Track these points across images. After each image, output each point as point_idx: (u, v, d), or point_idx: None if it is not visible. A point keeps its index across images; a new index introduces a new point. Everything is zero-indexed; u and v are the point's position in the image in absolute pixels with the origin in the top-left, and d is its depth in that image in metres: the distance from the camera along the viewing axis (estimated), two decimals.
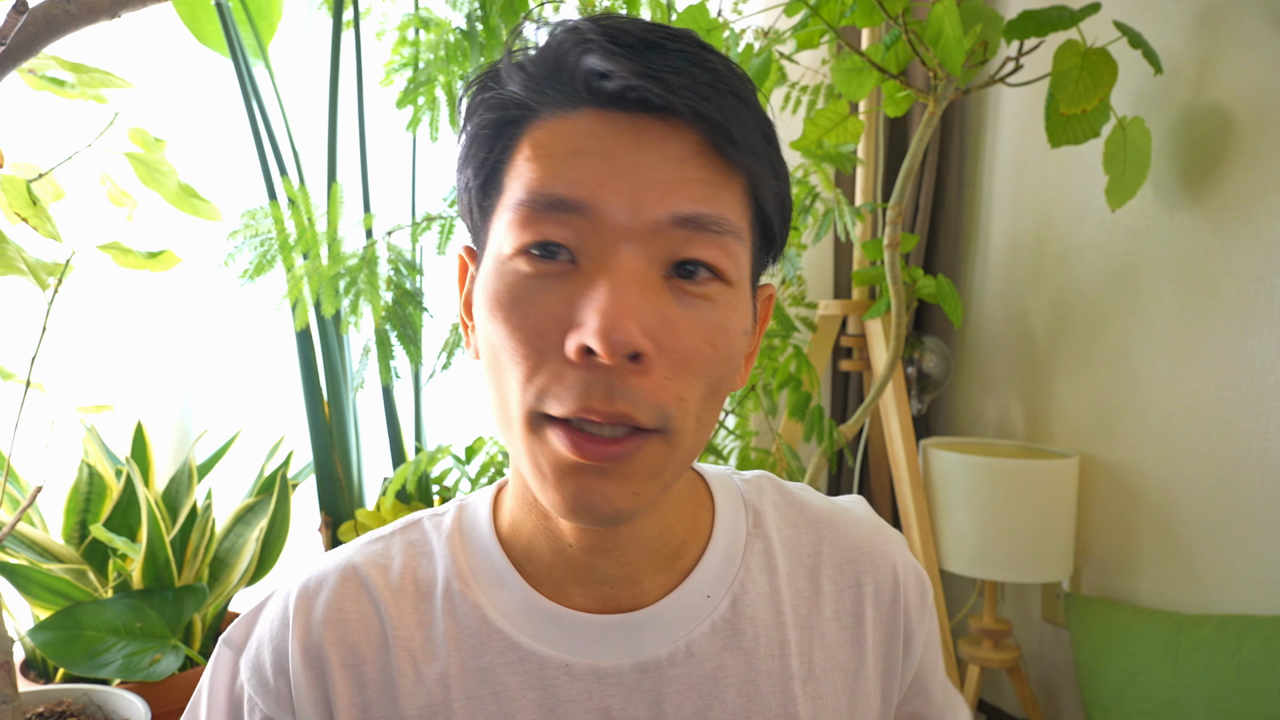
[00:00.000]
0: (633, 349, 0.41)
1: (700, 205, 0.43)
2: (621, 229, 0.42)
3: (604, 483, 0.43)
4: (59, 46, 0.94)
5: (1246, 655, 1.28)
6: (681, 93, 0.42)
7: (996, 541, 1.52)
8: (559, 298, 0.43)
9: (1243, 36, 1.38)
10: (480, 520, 0.55)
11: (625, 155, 0.43)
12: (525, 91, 0.45)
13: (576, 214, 0.42)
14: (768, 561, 0.55)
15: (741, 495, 0.58)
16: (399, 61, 1.45)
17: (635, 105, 0.43)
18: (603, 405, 0.41)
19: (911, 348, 1.82)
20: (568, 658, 0.50)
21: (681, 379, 0.43)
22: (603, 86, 0.43)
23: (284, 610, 0.53)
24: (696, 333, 0.44)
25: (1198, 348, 1.45)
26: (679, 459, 0.45)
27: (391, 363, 1.30)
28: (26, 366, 1.12)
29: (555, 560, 0.51)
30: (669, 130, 0.43)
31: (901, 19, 1.24)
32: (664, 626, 0.51)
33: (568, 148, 0.43)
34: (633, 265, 0.42)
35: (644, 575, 0.52)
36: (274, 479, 1.71)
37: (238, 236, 1.30)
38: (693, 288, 0.44)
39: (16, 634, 1.50)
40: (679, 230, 0.43)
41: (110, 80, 1.27)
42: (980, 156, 1.84)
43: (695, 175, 0.43)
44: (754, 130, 0.45)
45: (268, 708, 0.51)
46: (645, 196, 0.42)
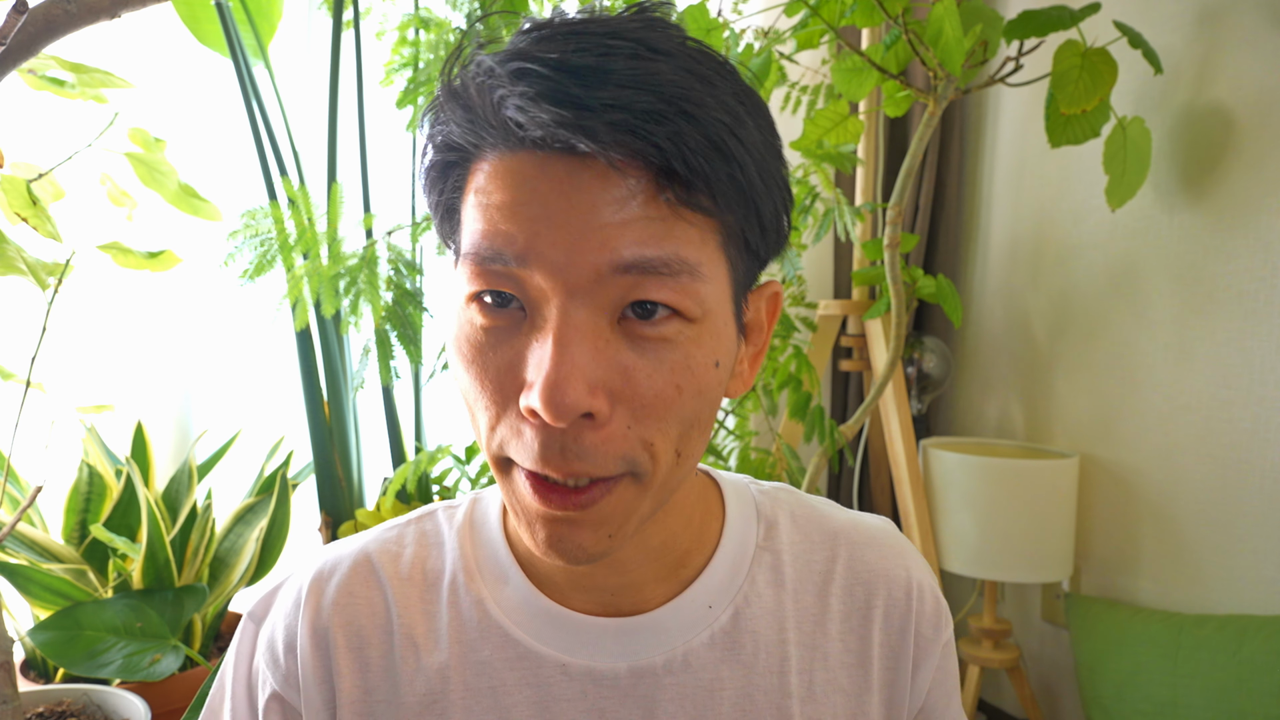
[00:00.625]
0: (578, 410, 0.39)
1: (645, 248, 0.39)
2: (562, 282, 0.40)
3: (575, 531, 0.42)
4: (59, 46, 0.94)
5: (1246, 655, 1.28)
6: (610, 134, 0.38)
7: (996, 541, 1.52)
8: (511, 350, 0.42)
9: (1243, 36, 1.38)
10: (491, 516, 0.55)
11: (559, 203, 0.39)
12: (463, 132, 0.42)
13: (518, 266, 0.40)
14: (775, 575, 0.54)
15: (756, 506, 0.57)
16: (399, 61, 1.45)
17: (559, 146, 0.39)
18: (559, 466, 0.40)
19: (911, 348, 1.82)
20: (565, 658, 0.50)
21: (645, 424, 0.41)
22: (522, 129, 0.39)
23: (299, 591, 0.54)
24: (657, 377, 0.41)
25: (1198, 348, 1.45)
26: (655, 494, 0.44)
27: (391, 363, 1.30)
28: (26, 366, 1.12)
29: (554, 566, 0.51)
30: (606, 170, 0.39)
31: (901, 19, 1.24)
32: (662, 634, 0.51)
33: (504, 196, 0.41)
34: (578, 320, 0.40)
35: (645, 583, 0.51)
36: (274, 479, 1.71)
37: (238, 236, 1.30)
38: (649, 330, 0.41)
39: (16, 634, 1.50)
40: (624, 276, 0.40)
41: (110, 80, 1.27)
42: (980, 156, 1.84)
43: (638, 215, 0.39)
44: (708, 151, 0.39)
45: (276, 683, 0.53)
46: (583, 246, 0.39)
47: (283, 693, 0.53)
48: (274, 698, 0.53)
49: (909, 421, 1.62)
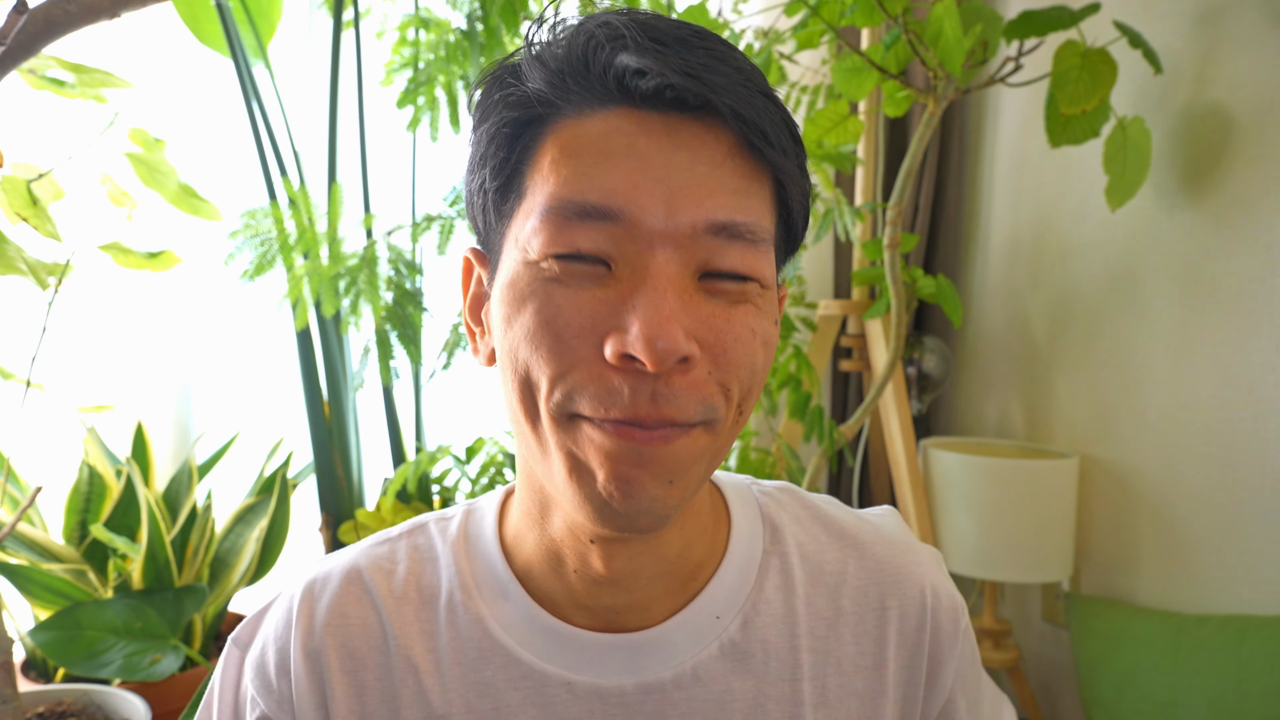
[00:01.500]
0: (679, 355, 0.40)
1: (735, 213, 0.42)
2: (657, 234, 0.41)
3: (641, 471, 0.41)
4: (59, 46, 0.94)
5: (1246, 655, 1.28)
6: (720, 91, 0.41)
7: (996, 541, 1.52)
8: (594, 300, 0.41)
9: (1243, 36, 1.38)
10: (486, 528, 0.53)
11: (659, 157, 0.41)
12: (549, 88, 0.43)
13: (610, 221, 0.41)
14: (785, 580, 0.52)
15: (760, 508, 0.55)
16: (399, 61, 1.45)
17: (669, 104, 0.41)
18: (649, 413, 0.40)
19: (911, 348, 1.82)
20: (570, 676, 0.49)
21: (724, 369, 0.42)
22: (637, 84, 0.41)
23: (288, 611, 0.52)
24: (736, 323, 0.43)
25: (1198, 348, 1.45)
26: (716, 450, 0.44)
27: (391, 363, 1.30)
28: (26, 366, 1.12)
29: (556, 585, 0.50)
30: (704, 131, 0.42)
31: (901, 19, 1.24)
32: (670, 648, 0.50)
33: (598, 150, 0.41)
34: (670, 271, 0.41)
35: (654, 601, 0.50)
36: (274, 479, 1.71)
37: (238, 236, 1.30)
38: (731, 290, 0.43)
39: (16, 634, 1.50)
40: (713, 238, 0.42)
41: (110, 80, 1.27)
42: (980, 156, 1.84)
43: (730, 180, 0.42)
44: (784, 130, 0.44)
45: (268, 707, 0.51)
46: (681, 201, 0.41)
47: (274, 717, 0.51)
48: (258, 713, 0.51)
49: (909, 421, 1.62)
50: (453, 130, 1.43)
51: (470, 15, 1.35)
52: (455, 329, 1.31)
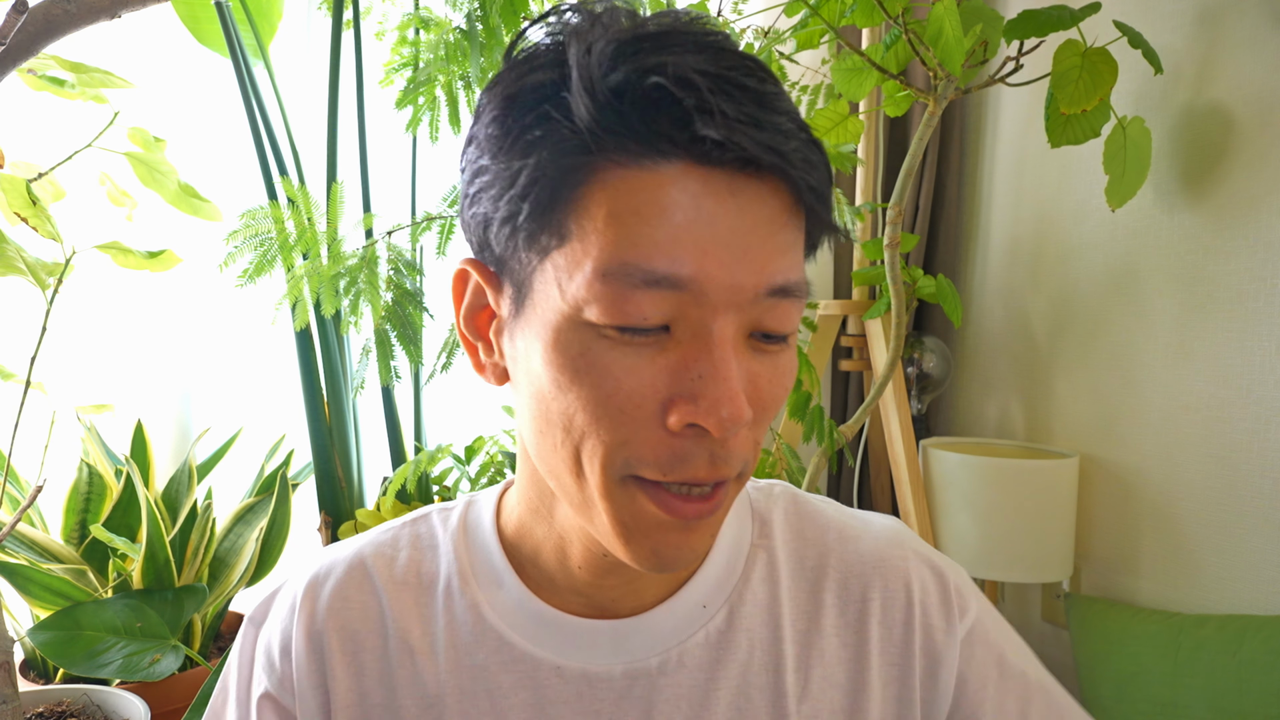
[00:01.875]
0: (745, 424, 0.40)
1: (790, 273, 0.42)
2: (722, 301, 0.40)
3: (690, 536, 0.43)
4: (59, 46, 0.94)
5: (1246, 655, 1.28)
6: (787, 156, 0.39)
7: (996, 541, 1.52)
8: (655, 368, 0.40)
9: (1243, 36, 1.38)
10: (484, 519, 0.55)
11: (726, 221, 0.39)
12: (603, 131, 0.39)
13: (678, 290, 0.39)
14: (770, 572, 0.54)
15: (750, 503, 0.57)
16: (399, 61, 1.45)
17: (731, 161, 0.39)
18: (708, 475, 0.42)
19: (911, 348, 1.82)
20: (559, 660, 0.50)
21: (760, 427, 0.44)
22: (704, 138, 0.38)
23: (294, 595, 0.55)
24: (775, 384, 0.44)
25: (1198, 348, 1.45)
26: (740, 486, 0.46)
27: (391, 363, 1.30)
28: (26, 366, 1.12)
29: (559, 573, 0.51)
30: (763, 189, 0.40)
31: (901, 19, 1.24)
32: (657, 634, 0.51)
33: (660, 209, 0.38)
34: (729, 335, 0.41)
35: (648, 590, 0.52)
36: (274, 479, 1.71)
37: (238, 237, 1.30)
38: (774, 345, 0.43)
39: (16, 634, 1.50)
40: (770, 299, 0.41)
41: (110, 80, 1.27)
42: (980, 156, 1.84)
43: (786, 240, 0.41)
44: (828, 179, 0.42)
45: (270, 685, 0.53)
46: (745, 268, 0.40)
47: (277, 695, 0.53)
48: (266, 697, 0.54)
49: (909, 421, 1.62)
50: (452, 130, 1.43)
51: (470, 15, 1.35)
52: (455, 329, 1.31)
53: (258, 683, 0.54)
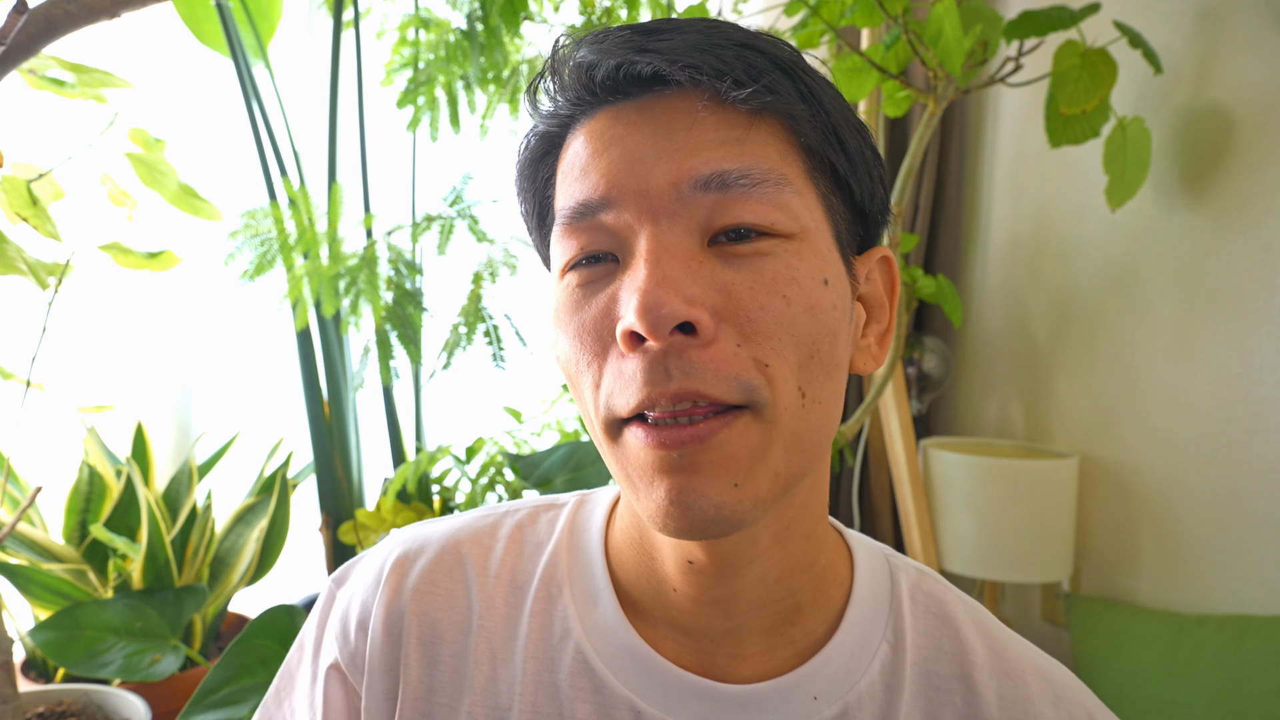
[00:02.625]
0: (676, 319, 0.37)
1: (721, 162, 0.39)
2: (646, 208, 0.40)
3: (695, 478, 0.38)
4: (59, 46, 0.94)
5: (1246, 655, 1.28)
6: (668, 54, 0.40)
7: (996, 541, 1.52)
8: (607, 296, 0.41)
9: (1243, 36, 1.38)
10: (594, 524, 0.51)
11: (634, 138, 0.41)
12: (547, 122, 0.45)
13: (603, 210, 0.41)
14: (892, 679, 0.46)
15: (890, 578, 0.49)
16: (399, 61, 1.45)
17: (635, 87, 0.41)
18: (664, 387, 0.38)
19: (911, 348, 1.82)
20: (641, 703, 0.45)
21: (757, 343, 0.39)
22: (595, 77, 0.42)
23: (380, 569, 0.52)
24: (759, 288, 0.39)
25: (1198, 348, 1.45)
26: (785, 439, 0.40)
27: (391, 363, 1.30)
28: (26, 366, 1.12)
29: (656, 602, 0.47)
30: (674, 99, 0.41)
31: (901, 19, 1.24)
32: (756, 713, 0.45)
33: (587, 153, 0.42)
34: (668, 240, 0.39)
35: (749, 635, 0.46)
36: (274, 479, 1.71)
37: (238, 236, 1.30)
38: (743, 247, 0.40)
39: (17, 634, 1.50)
40: (707, 194, 0.39)
41: (110, 80, 1.27)
42: (980, 156, 1.84)
43: (711, 133, 0.40)
44: (769, 70, 0.41)
45: (342, 658, 0.50)
46: (658, 169, 0.40)
47: (346, 670, 0.50)
48: (334, 669, 0.51)
49: (909, 421, 1.62)
50: (453, 130, 1.43)
51: (470, 15, 1.35)
52: (455, 329, 1.31)
53: (327, 652, 0.51)
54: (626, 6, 1.41)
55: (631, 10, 1.42)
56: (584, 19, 1.39)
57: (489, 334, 1.27)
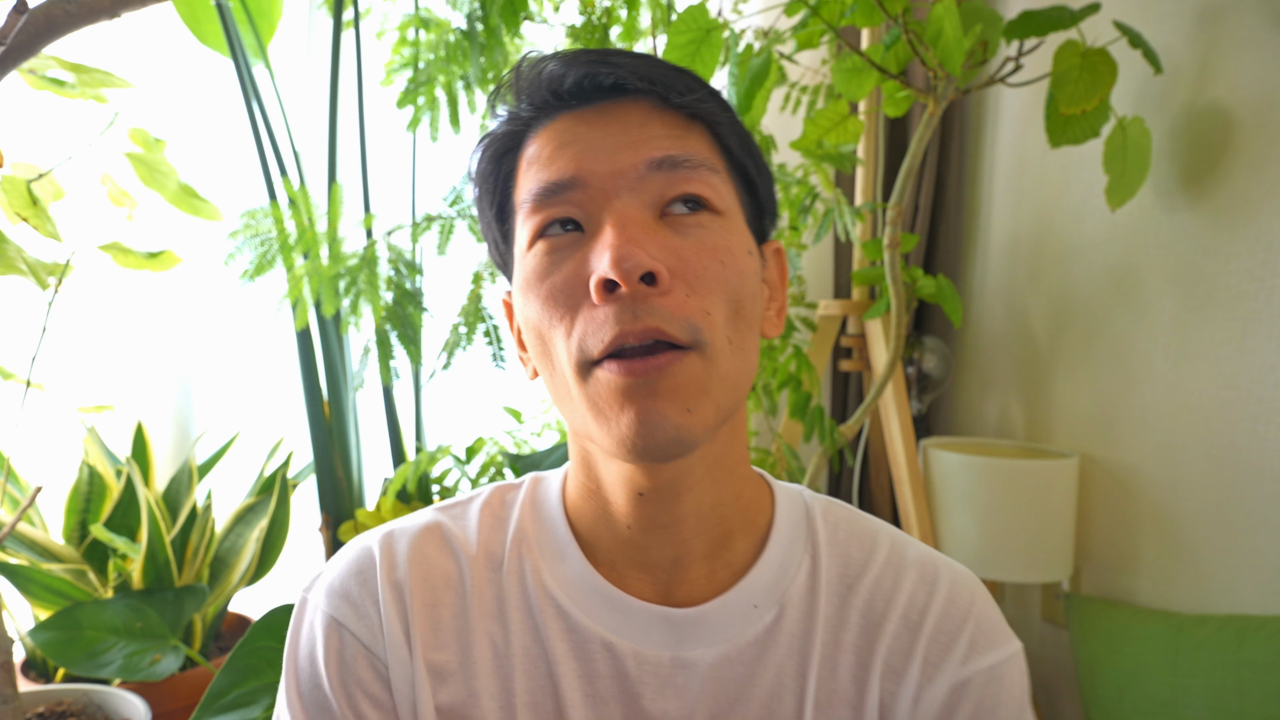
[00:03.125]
0: (643, 269, 0.46)
1: (669, 149, 0.50)
2: (610, 187, 0.49)
3: (657, 401, 0.46)
4: (59, 46, 0.94)
5: (1246, 655, 1.28)
6: (626, 68, 0.50)
7: (996, 541, 1.52)
8: (577, 260, 0.49)
9: (1243, 36, 1.38)
10: (551, 494, 0.59)
11: (597, 134, 0.50)
12: (509, 124, 0.54)
13: (571, 189, 0.49)
14: (812, 581, 0.55)
15: (806, 508, 0.59)
16: (399, 61, 1.45)
17: (595, 95, 0.51)
18: (633, 325, 0.46)
19: (911, 348, 1.82)
20: (611, 637, 0.53)
21: (700, 295, 0.48)
22: (564, 85, 0.51)
23: (368, 550, 0.57)
24: (702, 253, 0.49)
25: (1198, 348, 1.45)
26: (721, 377, 0.48)
27: (391, 363, 1.30)
28: (26, 366, 1.12)
29: (613, 542, 0.55)
30: (628, 104, 0.51)
31: (901, 19, 1.24)
32: (708, 629, 0.53)
33: (553, 146, 0.51)
34: (629, 211, 0.48)
35: (694, 561, 0.54)
36: (274, 479, 1.71)
37: (238, 236, 1.30)
38: (687, 219, 0.50)
39: (17, 634, 1.50)
40: (658, 173, 0.49)
41: (110, 80, 1.27)
42: (980, 156, 1.84)
43: (658, 130, 0.50)
44: (699, 87, 0.52)
45: (363, 636, 0.54)
46: (620, 156, 0.49)
47: (368, 644, 0.54)
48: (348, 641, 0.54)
49: (909, 421, 1.62)
50: (453, 130, 1.43)
51: (470, 15, 1.35)
52: (455, 329, 1.31)
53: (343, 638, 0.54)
54: (626, 6, 1.41)
55: (631, 10, 1.42)
56: (584, 19, 1.39)
57: (489, 334, 1.27)
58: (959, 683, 0.53)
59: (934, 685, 0.53)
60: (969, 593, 0.56)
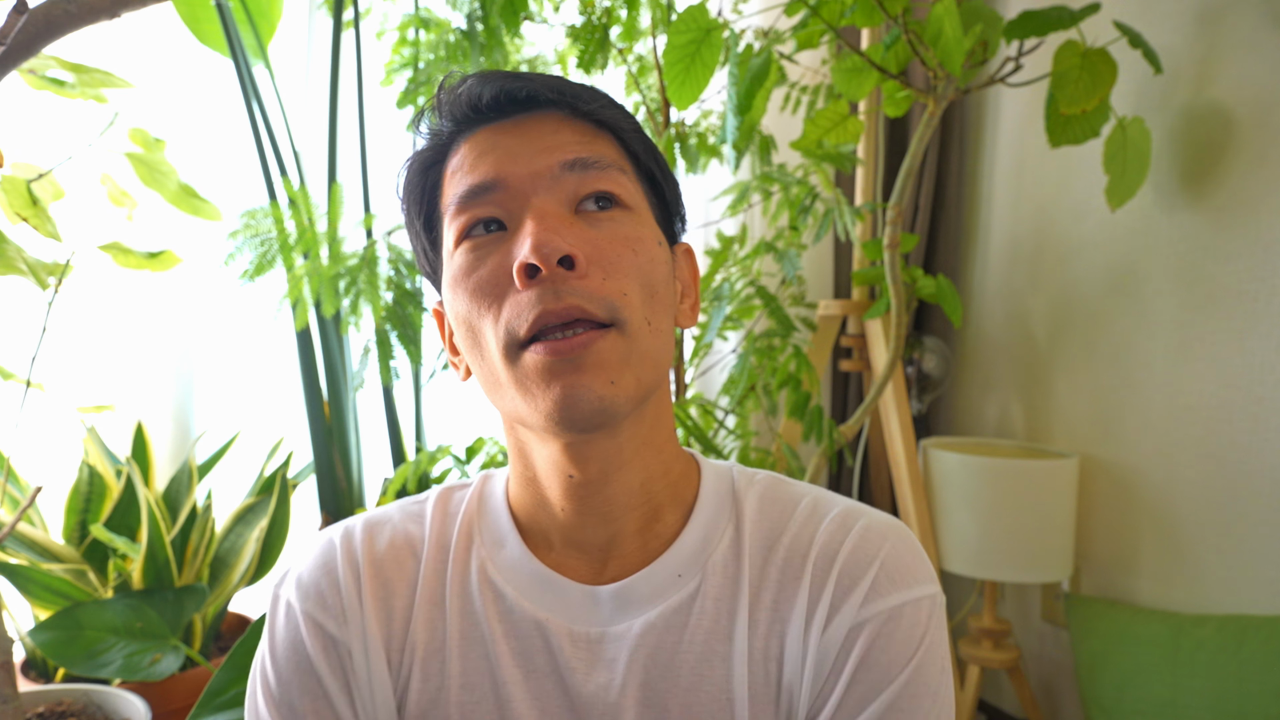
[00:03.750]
0: (562, 252, 0.50)
1: (580, 151, 0.54)
2: (529, 186, 0.53)
3: (581, 375, 0.50)
4: (59, 46, 0.94)
5: (1246, 655, 1.28)
6: (539, 83, 0.55)
7: (996, 541, 1.52)
8: (501, 253, 0.53)
9: (1243, 36, 1.38)
10: (497, 488, 0.63)
11: (515, 141, 0.55)
12: (434, 139, 0.58)
13: (494, 190, 0.54)
14: (735, 549, 0.58)
15: (733, 484, 0.61)
16: (399, 61, 1.45)
17: (511, 108, 0.56)
18: (555, 304, 0.49)
19: (911, 348, 1.82)
20: (545, 616, 0.56)
21: (616, 278, 0.52)
22: (483, 99, 0.55)
23: (330, 543, 0.60)
24: (615, 242, 0.53)
25: (1198, 348, 1.45)
26: (640, 353, 0.52)
27: (391, 363, 1.30)
28: (26, 366, 1.12)
29: (550, 526, 0.58)
30: (542, 116, 0.56)
31: (901, 19, 1.24)
32: (635, 600, 0.56)
33: (475, 155, 0.55)
34: (546, 206, 0.53)
35: (625, 539, 0.57)
36: (274, 479, 1.71)
37: (238, 236, 1.30)
38: (600, 214, 0.54)
39: (17, 634, 1.50)
40: (571, 174, 0.54)
41: (110, 80, 1.27)
42: (980, 156, 1.84)
43: (571, 136, 0.55)
44: (606, 99, 0.58)
45: (328, 623, 0.57)
46: (537, 158, 0.54)
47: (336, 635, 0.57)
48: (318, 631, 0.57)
49: (909, 421, 1.62)
50: None
51: (470, 15, 1.35)
52: None
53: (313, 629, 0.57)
54: (626, 7, 1.41)
55: (631, 10, 1.42)
56: (584, 19, 1.39)
57: None
58: (856, 624, 0.53)
59: (833, 626, 0.53)
60: (882, 536, 0.56)
